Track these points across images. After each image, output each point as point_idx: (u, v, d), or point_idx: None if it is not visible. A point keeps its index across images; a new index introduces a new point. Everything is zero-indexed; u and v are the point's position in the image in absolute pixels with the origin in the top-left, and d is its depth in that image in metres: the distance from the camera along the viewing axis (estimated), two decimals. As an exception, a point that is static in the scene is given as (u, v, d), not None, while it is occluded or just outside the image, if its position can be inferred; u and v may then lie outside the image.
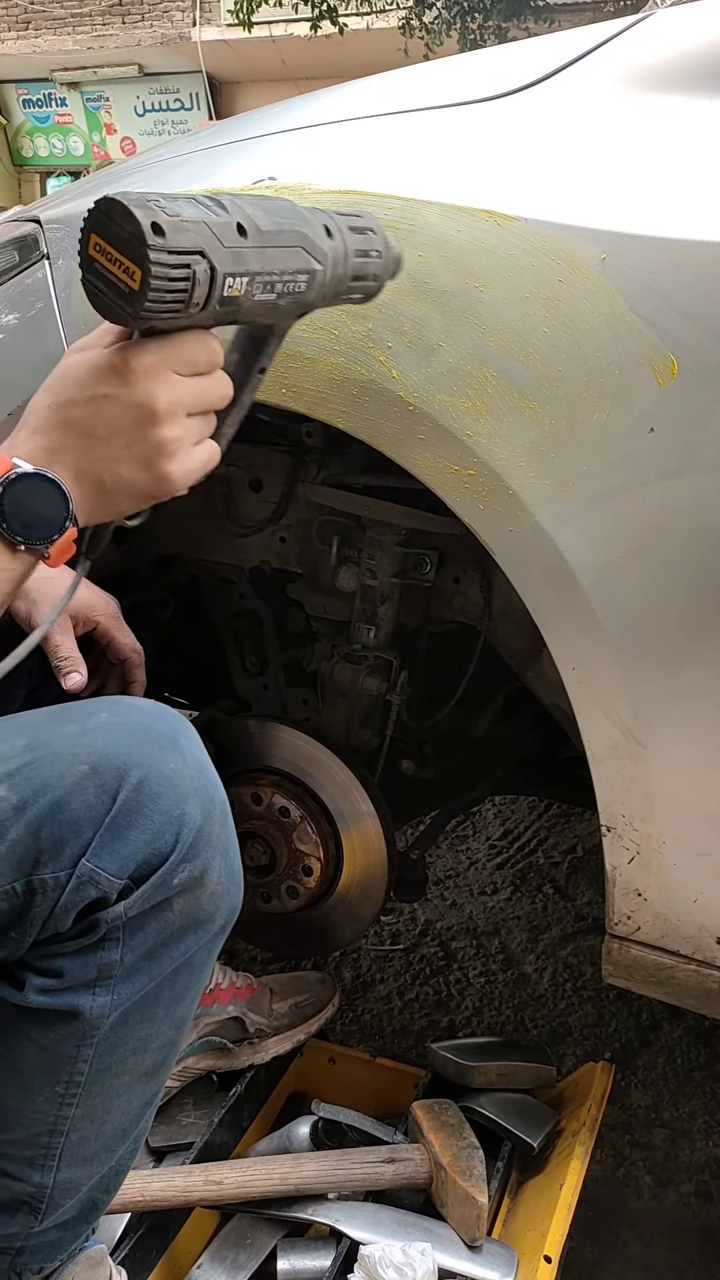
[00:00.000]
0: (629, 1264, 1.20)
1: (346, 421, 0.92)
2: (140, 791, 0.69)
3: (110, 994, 0.72)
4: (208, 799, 0.72)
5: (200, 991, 0.80)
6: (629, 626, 0.87)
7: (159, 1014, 0.76)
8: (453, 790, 1.43)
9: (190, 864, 0.71)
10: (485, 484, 0.88)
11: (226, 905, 0.76)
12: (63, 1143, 0.75)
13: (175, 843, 0.70)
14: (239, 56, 10.85)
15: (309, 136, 1.02)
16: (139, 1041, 0.76)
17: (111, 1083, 0.76)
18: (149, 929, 0.72)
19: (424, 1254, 0.95)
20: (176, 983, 0.76)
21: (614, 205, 0.84)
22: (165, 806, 0.69)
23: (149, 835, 0.69)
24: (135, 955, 0.72)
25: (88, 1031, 0.72)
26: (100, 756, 0.69)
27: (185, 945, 0.74)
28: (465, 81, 1.03)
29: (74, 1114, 0.75)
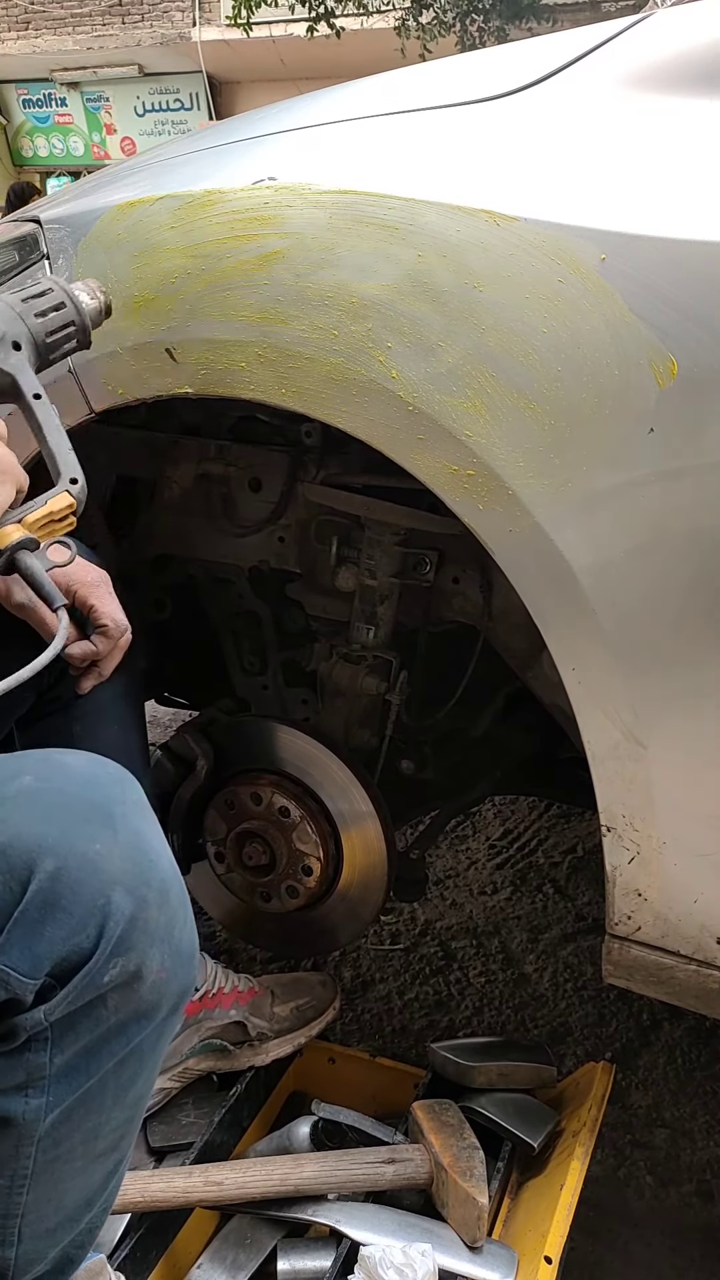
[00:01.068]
0: (630, 1264, 1.20)
1: (346, 421, 0.92)
2: (56, 880, 0.61)
3: (45, 1095, 0.66)
4: (141, 881, 0.65)
5: (155, 1072, 0.74)
6: (629, 626, 0.87)
7: (106, 1104, 0.70)
8: (452, 790, 1.43)
9: (122, 958, 0.64)
10: (485, 484, 0.88)
11: (173, 990, 0.69)
12: (18, 1223, 0.70)
13: (99, 937, 0.62)
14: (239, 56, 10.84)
15: (309, 136, 1.02)
16: (87, 1132, 0.70)
17: (63, 1170, 0.70)
18: (80, 1028, 0.65)
19: (424, 1255, 0.94)
20: (123, 1073, 0.70)
21: (614, 205, 0.84)
22: (86, 896, 0.62)
23: (67, 930, 0.62)
24: (68, 1055, 0.66)
25: (24, 1134, 0.67)
26: (10, 838, 0.62)
27: (126, 1038, 0.68)
28: (465, 81, 1.03)
29: (26, 1200, 0.69)
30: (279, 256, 0.91)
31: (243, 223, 0.93)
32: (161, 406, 1.15)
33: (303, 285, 0.91)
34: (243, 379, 0.95)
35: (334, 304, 0.89)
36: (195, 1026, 1.23)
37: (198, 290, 0.95)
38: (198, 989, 1.24)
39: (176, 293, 0.96)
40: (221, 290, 0.94)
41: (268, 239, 0.92)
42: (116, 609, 0.96)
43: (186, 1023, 1.22)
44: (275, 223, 0.92)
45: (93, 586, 0.95)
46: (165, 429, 1.28)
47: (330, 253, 0.90)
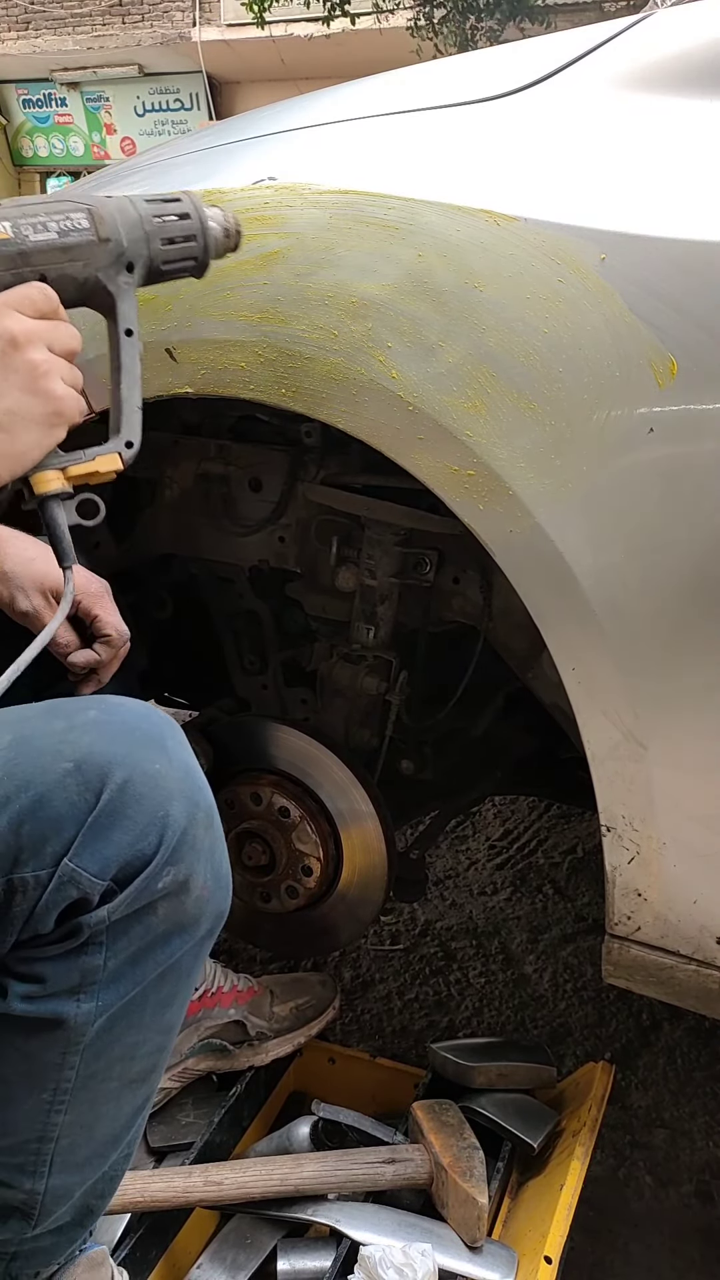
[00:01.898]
0: (630, 1264, 1.20)
1: (346, 421, 0.92)
2: (124, 792, 0.67)
3: (95, 1000, 0.70)
4: (193, 801, 0.71)
5: (188, 997, 0.79)
6: (629, 627, 0.87)
7: (145, 1020, 0.74)
8: (452, 790, 1.43)
9: (174, 868, 0.69)
10: (485, 484, 0.88)
11: (212, 910, 0.74)
12: (52, 1149, 0.74)
13: (159, 845, 0.68)
14: (239, 56, 10.84)
15: (309, 136, 1.02)
16: (126, 1048, 0.74)
17: (99, 1089, 0.74)
18: (133, 934, 0.70)
19: (424, 1255, 0.94)
20: (162, 988, 0.74)
21: (613, 205, 0.84)
22: (149, 808, 0.68)
23: (132, 837, 0.67)
24: (119, 960, 0.70)
25: (72, 1039, 0.71)
26: (85, 754, 0.68)
27: (170, 950, 0.73)
28: (465, 82, 1.03)
29: (63, 1121, 0.73)
30: (279, 256, 0.91)
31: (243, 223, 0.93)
32: (161, 406, 1.15)
33: (303, 285, 0.91)
34: (243, 379, 0.95)
35: (334, 304, 0.89)
36: (194, 1026, 1.23)
37: (197, 290, 0.95)
38: (197, 988, 1.24)
39: (176, 292, 0.96)
40: (221, 290, 0.94)
41: (268, 239, 0.92)
42: (118, 619, 0.98)
43: (186, 1022, 1.22)
44: (275, 223, 0.92)
45: (96, 597, 0.97)
46: (165, 429, 1.28)
47: (330, 253, 0.90)
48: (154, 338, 0.98)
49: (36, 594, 0.93)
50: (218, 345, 0.95)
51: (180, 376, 0.99)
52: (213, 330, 0.95)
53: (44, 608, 0.93)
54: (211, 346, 0.96)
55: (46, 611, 0.93)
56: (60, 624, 0.81)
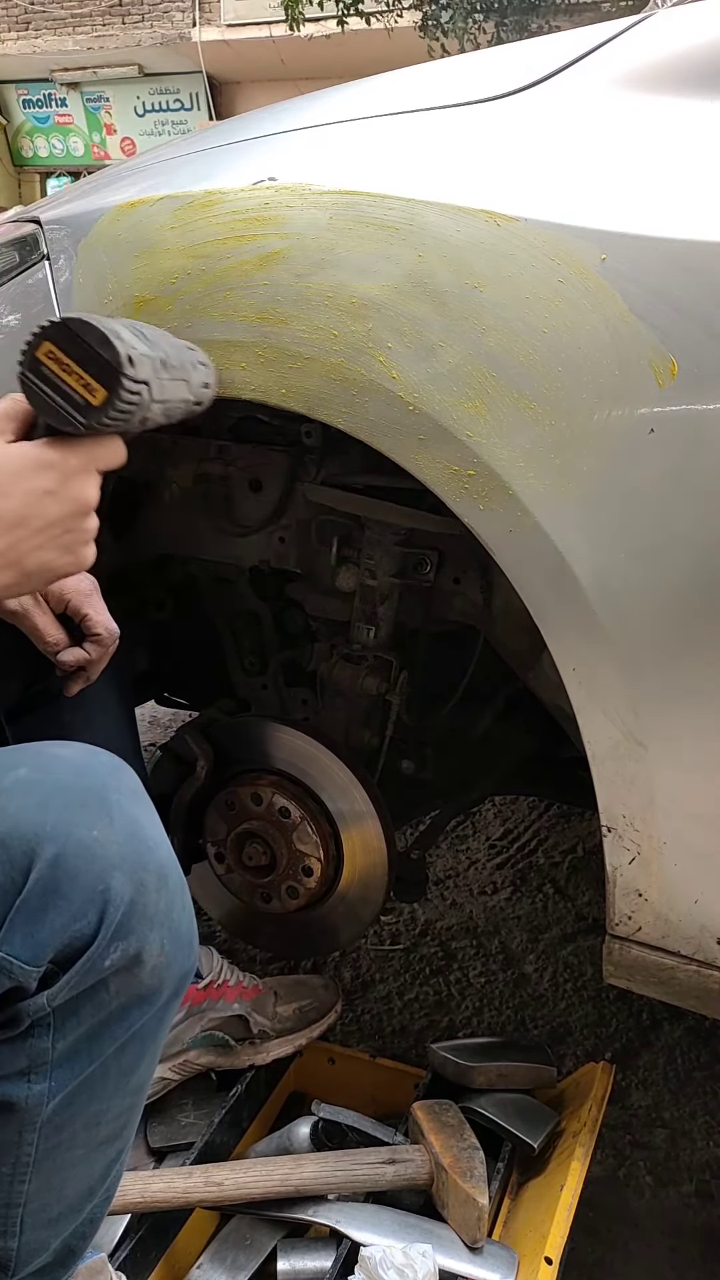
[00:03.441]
0: (630, 1264, 1.20)
1: (346, 422, 0.92)
2: (56, 868, 0.62)
3: (47, 1080, 0.67)
4: (139, 865, 0.66)
5: (156, 1057, 0.75)
6: (629, 627, 0.87)
7: (108, 1091, 0.71)
8: (453, 790, 1.43)
9: (123, 943, 0.65)
10: (485, 484, 0.88)
11: (174, 974, 0.70)
12: (20, 1213, 0.71)
13: (100, 923, 0.64)
14: (239, 57, 10.84)
15: (309, 137, 1.02)
16: (90, 1118, 0.71)
17: (64, 1158, 0.71)
18: (83, 1013, 0.66)
19: (425, 1255, 0.94)
20: (124, 1058, 0.71)
21: (614, 205, 0.84)
22: (85, 883, 0.63)
23: (67, 917, 0.62)
24: (71, 1040, 0.67)
25: (27, 1119, 0.67)
26: (10, 827, 0.63)
27: (129, 1022, 0.69)
28: (465, 82, 1.03)
29: (28, 1189, 0.70)
30: (279, 257, 0.91)
31: (243, 223, 0.93)
32: (162, 407, 1.15)
33: (303, 286, 0.91)
34: (243, 379, 0.95)
35: (334, 304, 0.89)
36: (198, 1015, 1.23)
37: (198, 291, 0.95)
38: (203, 978, 1.24)
39: (177, 293, 0.96)
40: (221, 291, 0.94)
41: (268, 239, 0.92)
42: (108, 617, 0.98)
43: (190, 1010, 1.23)
44: (275, 223, 0.92)
45: (86, 595, 0.96)
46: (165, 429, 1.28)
47: (330, 253, 0.90)
48: (154, 338, 0.98)
49: None
50: (218, 346, 0.95)
51: (180, 377, 0.99)
52: (213, 330, 0.95)
53: (33, 606, 0.93)
54: (212, 347, 0.95)
55: (36, 610, 0.93)
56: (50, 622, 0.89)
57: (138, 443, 1.29)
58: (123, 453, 0.74)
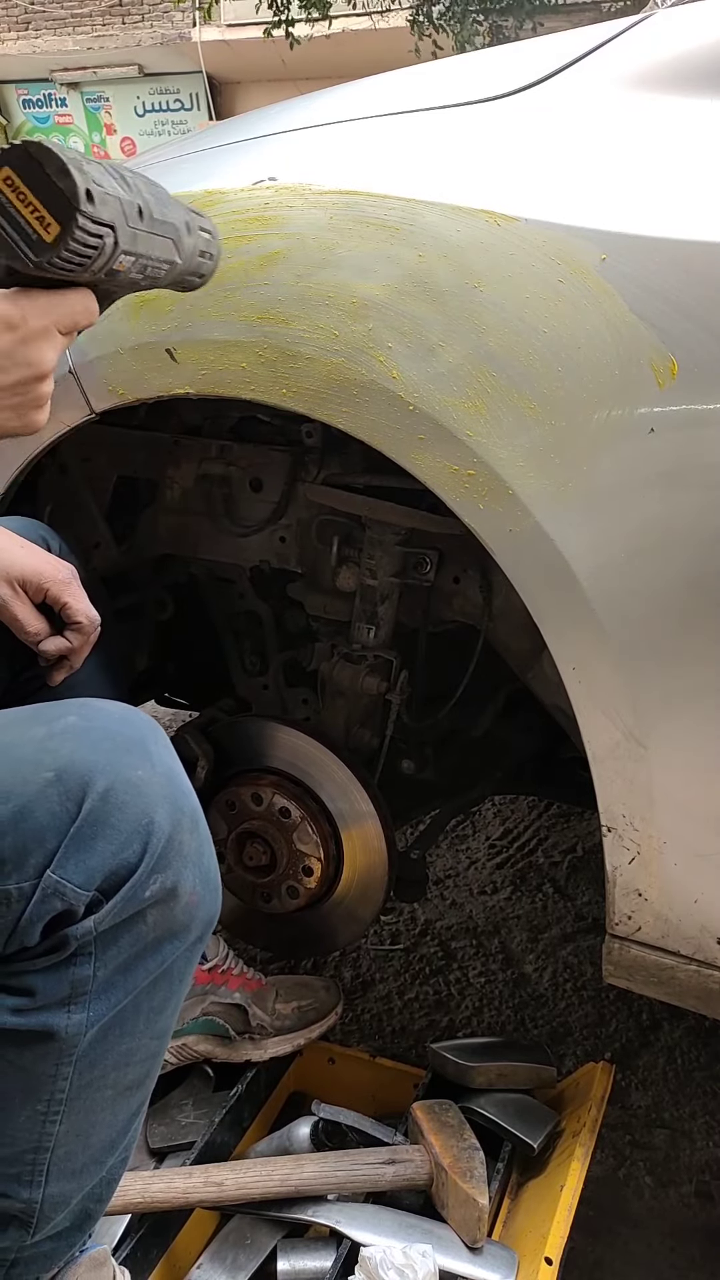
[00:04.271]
0: (630, 1264, 1.20)
1: (347, 422, 0.92)
2: (106, 800, 0.67)
3: (85, 1011, 0.70)
4: (177, 807, 0.70)
5: (180, 1002, 0.78)
6: (629, 626, 0.87)
7: (139, 1028, 0.74)
8: (453, 790, 1.43)
9: (161, 875, 0.69)
10: (485, 484, 0.88)
11: (203, 915, 0.74)
12: (48, 1159, 0.74)
13: (144, 853, 0.68)
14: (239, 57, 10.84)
15: (309, 137, 1.02)
16: (120, 1056, 0.74)
17: (94, 1098, 0.74)
18: (122, 943, 0.70)
19: (425, 1256, 0.94)
20: (155, 995, 0.74)
21: (614, 205, 0.84)
22: (132, 815, 0.67)
23: (116, 846, 0.67)
24: (109, 970, 0.70)
25: (65, 1050, 0.70)
26: (65, 763, 0.67)
27: (161, 957, 0.73)
28: (465, 82, 1.03)
29: (58, 1130, 0.73)
30: (279, 257, 0.91)
31: (243, 223, 0.93)
32: (162, 407, 1.15)
33: (303, 285, 0.91)
34: (243, 379, 0.95)
35: (334, 304, 0.89)
36: (200, 996, 1.24)
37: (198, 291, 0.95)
38: (208, 960, 1.25)
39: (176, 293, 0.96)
40: (222, 290, 0.94)
41: (268, 239, 0.92)
42: (88, 605, 0.98)
43: (192, 990, 1.23)
44: (276, 223, 0.92)
45: (65, 584, 0.96)
46: (166, 429, 1.28)
47: (331, 253, 0.90)
48: (154, 338, 0.98)
49: (3, 584, 0.93)
50: (218, 346, 0.95)
51: (181, 377, 0.99)
52: (213, 331, 0.95)
53: (11, 597, 0.93)
54: (212, 347, 0.96)
55: (14, 600, 0.93)
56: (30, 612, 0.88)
57: (138, 442, 1.30)
58: (94, 310, 0.68)
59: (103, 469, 1.33)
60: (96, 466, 1.33)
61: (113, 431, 1.27)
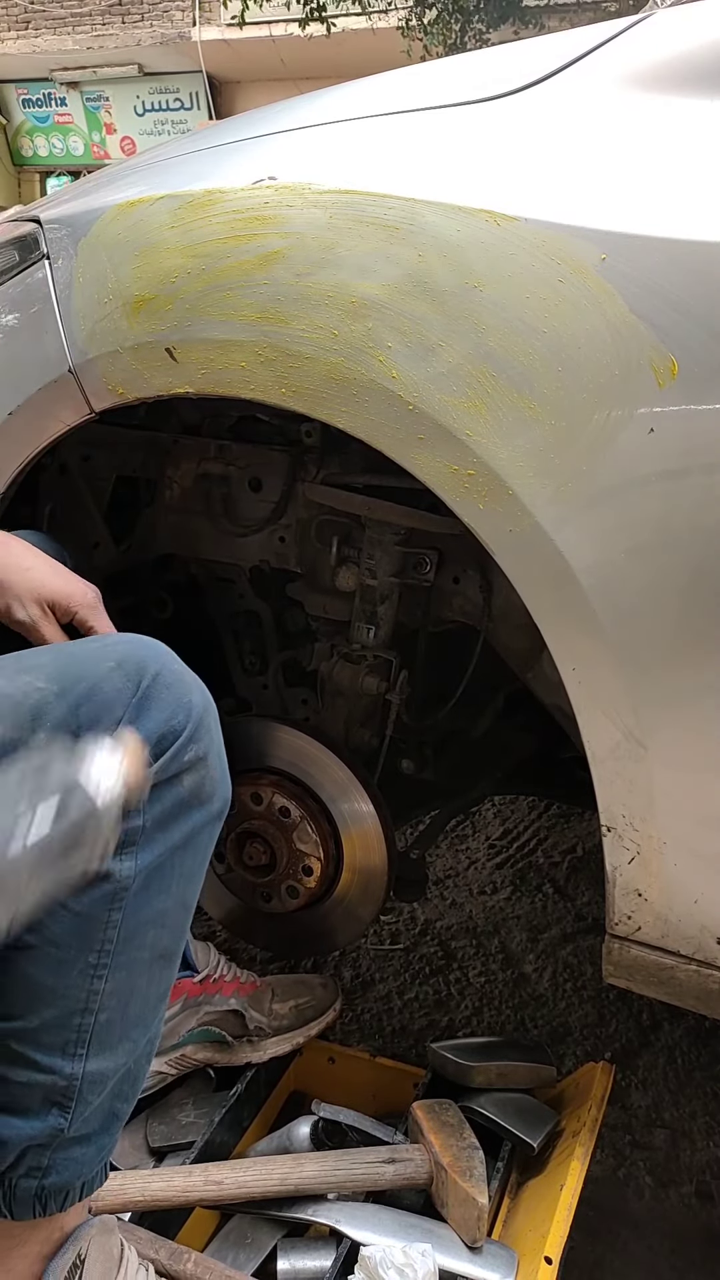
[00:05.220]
0: (630, 1264, 1.20)
1: (346, 421, 0.92)
2: (158, 681, 0.80)
3: (135, 858, 0.79)
4: (206, 695, 0.84)
5: (202, 878, 0.87)
6: (629, 627, 0.87)
7: (173, 887, 0.83)
8: (453, 790, 1.43)
9: (196, 745, 0.81)
10: (485, 484, 0.88)
11: (222, 792, 0.86)
12: (93, 1023, 0.80)
13: (186, 722, 0.80)
14: (239, 56, 10.84)
15: (309, 136, 1.02)
16: (157, 914, 0.82)
17: (135, 955, 0.81)
18: (165, 799, 0.80)
19: (425, 1255, 0.94)
20: (185, 859, 0.84)
21: (614, 205, 0.84)
22: (177, 694, 0.81)
23: (166, 714, 0.79)
24: (154, 823, 0.80)
25: (118, 894, 0.78)
26: (123, 656, 0.81)
27: (192, 821, 0.83)
28: (465, 81, 1.02)
29: (104, 989, 0.80)
30: (279, 256, 0.91)
31: (243, 222, 0.93)
32: (161, 406, 1.15)
33: (303, 285, 0.91)
34: (243, 379, 0.95)
35: (334, 304, 0.89)
36: (194, 1009, 1.23)
37: (198, 290, 0.95)
38: (198, 971, 1.25)
39: (176, 292, 0.96)
40: (222, 290, 0.94)
41: (268, 239, 0.92)
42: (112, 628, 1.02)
43: (186, 1003, 1.23)
44: (275, 222, 0.92)
45: (91, 608, 0.99)
46: (165, 429, 1.28)
47: (330, 252, 0.90)
48: (154, 338, 0.98)
49: (33, 604, 0.95)
50: (218, 345, 0.95)
51: (180, 376, 0.99)
52: (213, 330, 0.95)
53: (40, 618, 0.95)
54: (211, 346, 0.96)
55: (44, 622, 0.96)
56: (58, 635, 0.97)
57: (137, 442, 1.30)
58: None
59: (102, 469, 1.33)
60: (96, 466, 1.33)
61: (112, 431, 1.27)
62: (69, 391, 1.05)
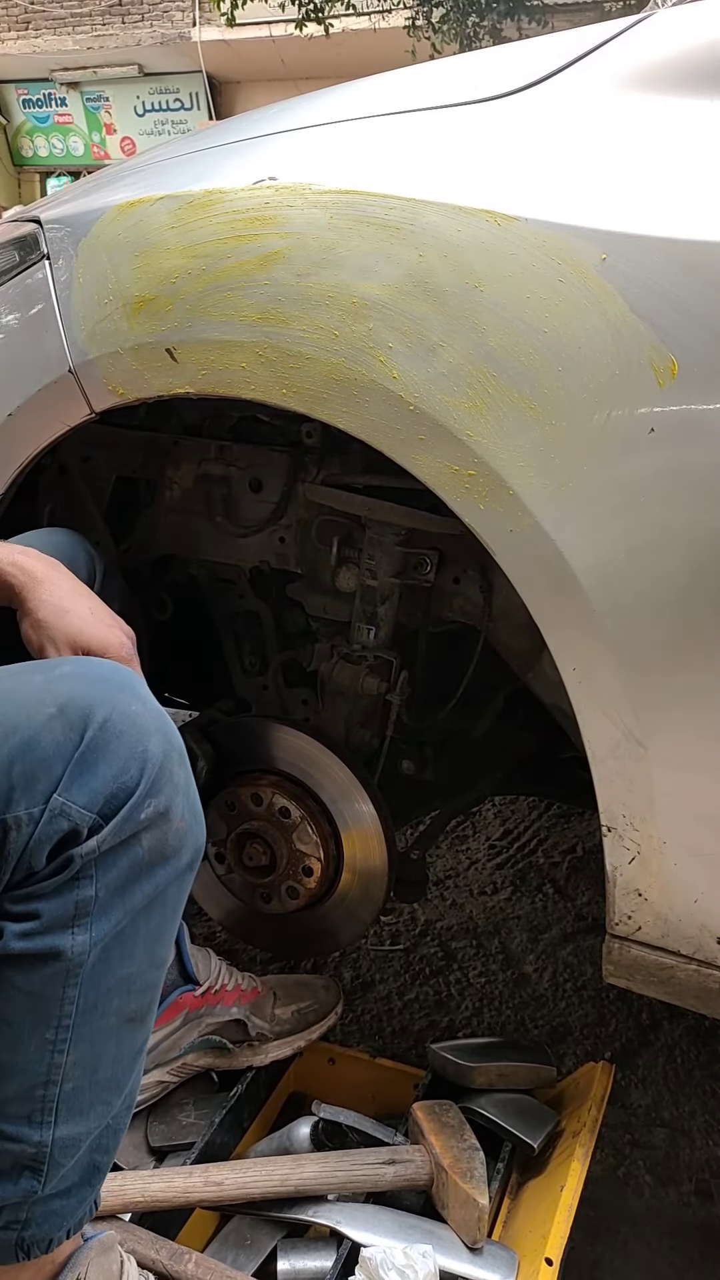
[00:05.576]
0: (629, 1263, 1.20)
1: (347, 421, 0.92)
2: (105, 729, 0.72)
3: (88, 931, 0.74)
4: (167, 739, 0.76)
5: (174, 931, 0.82)
6: (629, 626, 0.87)
7: (138, 952, 0.78)
8: (453, 790, 1.43)
9: (155, 799, 0.74)
10: (485, 484, 0.88)
11: (192, 842, 0.79)
12: (58, 1094, 0.76)
13: (140, 777, 0.73)
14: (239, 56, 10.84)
15: (309, 136, 1.02)
16: (121, 980, 0.77)
17: (99, 1024, 0.77)
18: (120, 863, 0.74)
19: (425, 1256, 0.94)
20: (151, 919, 0.78)
21: (614, 205, 0.84)
22: (129, 743, 0.73)
23: (115, 770, 0.72)
24: (109, 890, 0.74)
25: (71, 970, 0.74)
26: (66, 699, 0.73)
27: (156, 880, 0.77)
28: (466, 81, 1.03)
29: (66, 1061, 0.76)
30: (279, 256, 0.91)
31: (243, 223, 0.93)
32: (162, 407, 1.15)
33: (303, 285, 0.91)
34: (243, 379, 0.95)
35: (335, 304, 0.89)
36: (195, 1022, 1.23)
37: (198, 290, 0.95)
38: (200, 984, 1.24)
39: (177, 293, 0.96)
40: (222, 290, 0.94)
41: (268, 239, 0.92)
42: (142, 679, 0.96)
43: (187, 1017, 1.23)
44: (276, 223, 0.92)
45: (124, 661, 0.93)
46: (166, 429, 1.28)
47: (331, 253, 0.90)
48: (154, 338, 0.98)
49: (67, 649, 0.90)
50: (218, 345, 0.95)
51: (180, 377, 0.99)
52: (213, 331, 0.95)
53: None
54: (212, 347, 0.96)
55: None
56: None
57: (138, 442, 1.30)
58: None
59: (102, 469, 1.33)
60: (96, 467, 1.33)
61: (112, 431, 1.27)
62: (69, 392, 1.05)
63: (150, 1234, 0.98)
